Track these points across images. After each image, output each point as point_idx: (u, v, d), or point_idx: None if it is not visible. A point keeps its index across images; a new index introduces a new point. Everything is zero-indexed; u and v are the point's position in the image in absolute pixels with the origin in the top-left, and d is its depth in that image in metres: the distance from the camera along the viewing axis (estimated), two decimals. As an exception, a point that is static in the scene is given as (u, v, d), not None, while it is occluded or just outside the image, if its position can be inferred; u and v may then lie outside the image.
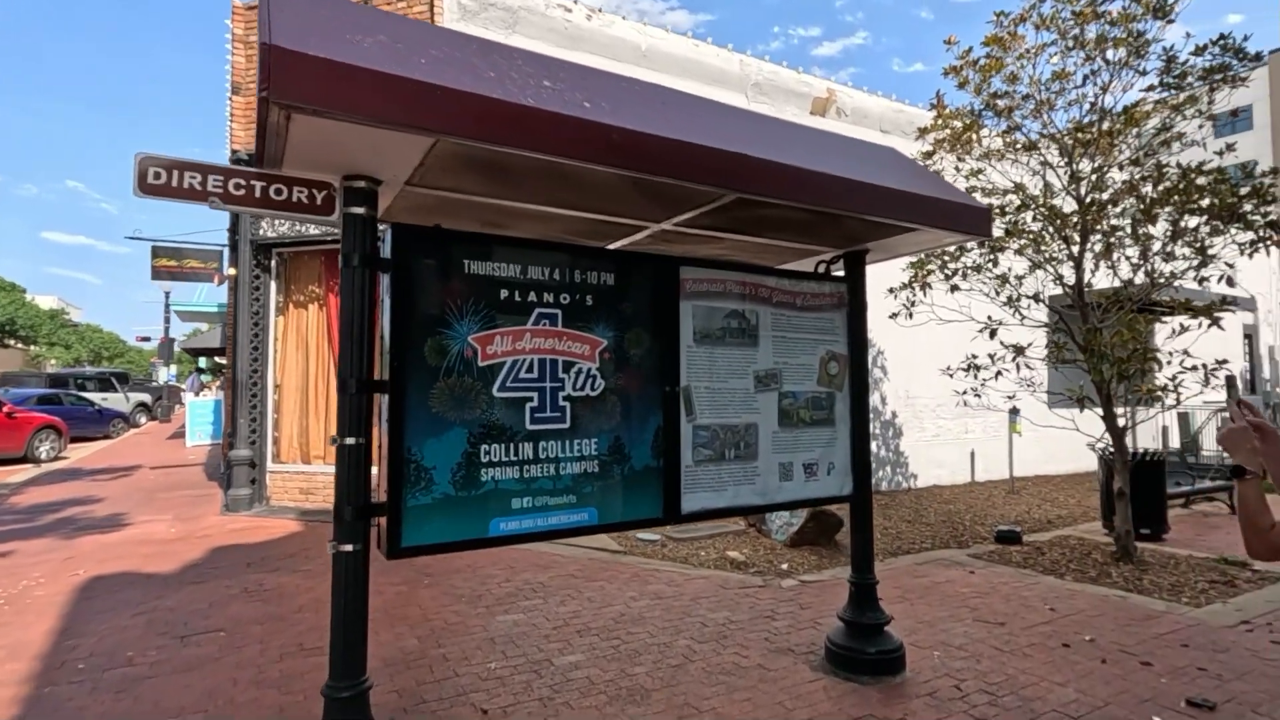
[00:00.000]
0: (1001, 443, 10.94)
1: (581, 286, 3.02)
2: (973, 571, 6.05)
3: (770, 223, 3.46)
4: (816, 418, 3.72)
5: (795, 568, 6.13)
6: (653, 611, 4.82)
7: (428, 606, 4.86)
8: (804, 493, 3.67)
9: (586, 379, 3.00)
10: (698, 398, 3.32)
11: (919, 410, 10.56)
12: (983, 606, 5.02)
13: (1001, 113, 6.49)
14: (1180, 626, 4.60)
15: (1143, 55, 5.87)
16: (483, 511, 2.74)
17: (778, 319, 3.63)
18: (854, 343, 3.87)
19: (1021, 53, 6.24)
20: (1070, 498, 9.96)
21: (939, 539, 7.35)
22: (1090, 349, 6.20)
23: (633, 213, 3.25)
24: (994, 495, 9.96)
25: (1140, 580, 5.69)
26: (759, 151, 2.86)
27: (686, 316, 3.31)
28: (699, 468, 3.31)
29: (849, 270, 3.94)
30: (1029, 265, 6.83)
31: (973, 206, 3.57)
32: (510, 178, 2.78)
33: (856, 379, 3.85)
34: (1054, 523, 8.28)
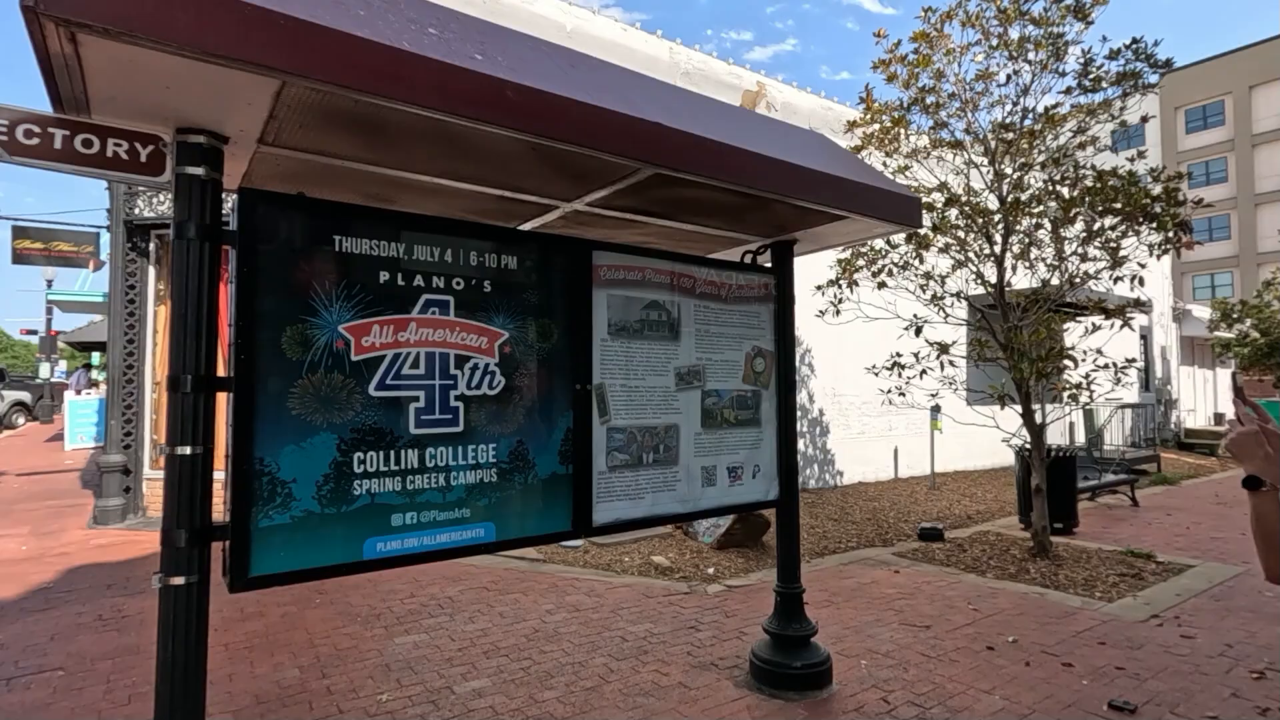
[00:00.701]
0: (924, 439, 11.14)
1: (478, 271, 2.65)
2: (898, 571, 5.99)
3: (693, 206, 3.18)
4: (742, 418, 3.47)
5: (722, 572, 5.92)
6: (570, 626, 4.48)
7: (316, 629, 4.35)
8: (728, 498, 3.41)
9: (484, 376, 2.63)
10: (612, 397, 3.01)
11: (845, 408, 10.62)
12: (908, 609, 4.92)
13: (928, 110, 6.47)
14: (1096, 623, 4.62)
15: (1061, 58, 5.94)
16: (355, 531, 2.34)
17: (701, 312, 3.35)
18: (781, 338, 3.64)
19: (948, 50, 6.22)
20: (988, 493, 10.22)
21: (864, 537, 7.32)
22: (1011, 347, 6.26)
23: (540, 189, 2.90)
24: (917, 491, 10.11)
25: (1056, 576, 5.76)
26: (680, 124, 2.57)
27: (600, 307, 2.99)
28: (614, 474, 3.00)
29: (777, 261, 3.71)
30: (952, 264, 6.86)
31: (904, 196, 3.40)
32: (390, 140, 2.38)
33: (783, 377, 3.62)
34: (974, 518, 8.43)
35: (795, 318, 3.73)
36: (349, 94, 1.83)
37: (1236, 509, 9.15)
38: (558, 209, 3.11)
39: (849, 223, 3.35)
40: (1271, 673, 3.81)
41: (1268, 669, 3.85)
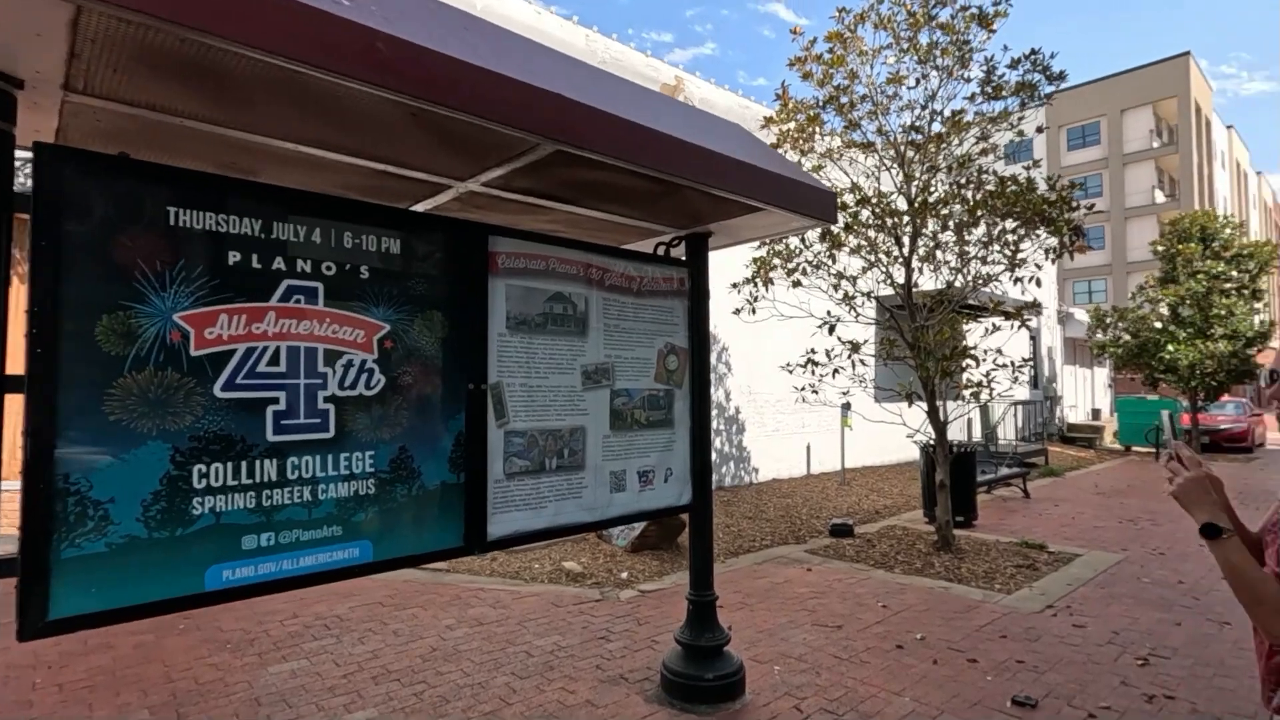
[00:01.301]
0: (835, 436, 11.40)
1: (354, 255, 2.32)
2: (810, 569, 6.00)
3: (602, 191, 2.95)
4: (653, 419, 3.28)
5: (636, 576, 5.74)
6: (471, 642, 4.17)
7: (176, 660, 3.85)
8: (639, 504, 3.21)
9: (360, 374, 2.30)
10: (511, 397, 2.74)
11: (761, 406, 10.70)
12: (821, 608, 4.90)
13: (842, 110, 6.51)
14: (997, 616, 4.74)
15: (966, 65, 6.10)
16: (195, 557, 1.97)
17: (611, 306, 3.13)
18: (695, 335, 3.47)
19: (861, 51, 6.28)
20: (894, 487, 10.55)
21: (778, 535, 7.34)
22: (918, 346, 6.40)
23: (428, 165, 2.59)
24: (827, 488, 10.31)
25: (959, 569, 5.92)
26: (585, 98, 2.33)
27: (498, 298, 2.72)
28: (512, 482, 2.73)
29: (691, 254, 3.54)
30: (863, 265, 6.96)
31: (820, 190, 3.30)
32: (242, 96, 2.03)
33: (698, 375, 3.46)
34: (881, 513, 8.65)
35: (711, 314, 3.58)
36: (167, 28, 1.49)
37: (1114, 499, 9.84)
38: (450, 189, 2.80)
39: (765, 215, 3.22)
40: (1155, 658, 3.99)
41: (1151, 655, 4.03)
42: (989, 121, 6.41)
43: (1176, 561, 6.24)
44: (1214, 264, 15.66)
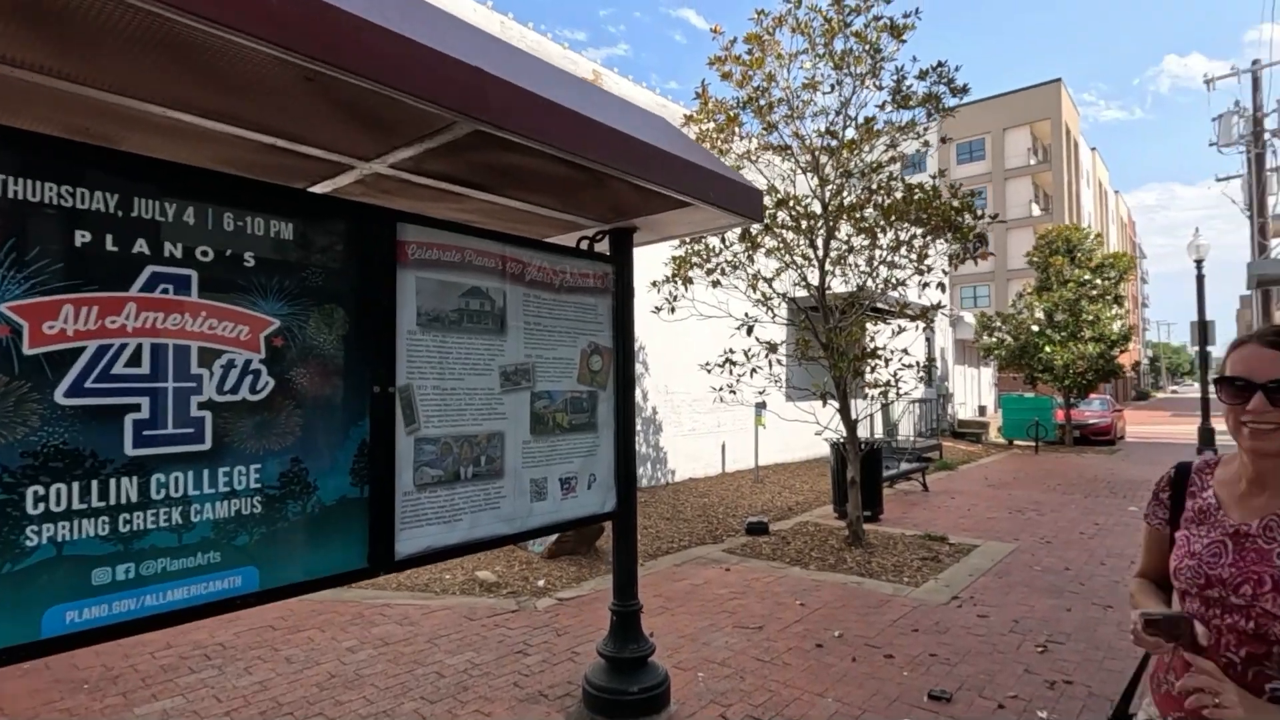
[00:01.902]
0: (749, 435, 11.58)
1: (237, 239, 2.02)
2: (729, 569, 6.01)
3: (522, 178, 2.76)
4: (576, 422, 3.11)
5: (554, 583, 5.54)
6: (375, 665, 3.85)
7: (20, 706, 3.32)
8: (561, 513, 3.03)
9: (243, 376, 2.01)
10: (423, 401, 2.50)
11: (678, 406, 10.71)
12: (741, 610, 4.88)
13: (760, 112, 6.56)
14: (908, 609, 4.88)
15: (877, 74, 6.29)
16: (29, 598, 1.64)
17: (532, 302, 2.94)
18: (620, 334, 3.33)
19: (779, 54, 6.34)
20: (805, 484, 10.84)
21: (696, 535, 7.33)
22: (831, 347, 6.54)
23: (328, 141, 2.31)
24: (742, 486, 10.45)
25: (870, 563, 6.09)
26: (506, 74, 2.14)
27: (408, 292, 2.47)
28: (424, 494, 2.49)
29: (616, 250, 3.40)
30: (777, 268, 7.06)
31: (748, 186, 3.24)
32: (95, 46, 1.70)
33: (622, 376, 3.32)
34: (794, 509, 8.83)
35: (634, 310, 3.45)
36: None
37: (1003, 490, 10.51)
38: (353, 170, 2.52)
39: (692, 211, 3.12)
40: (1052, 644, 4.20)
41: (1048, 641, 4.25)
42: (898, 130, 6.63)
43: (1062, 549, 6.69)
44: (1081, 273, 17.12)
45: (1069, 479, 11.64)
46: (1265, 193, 20.26)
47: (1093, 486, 10.79)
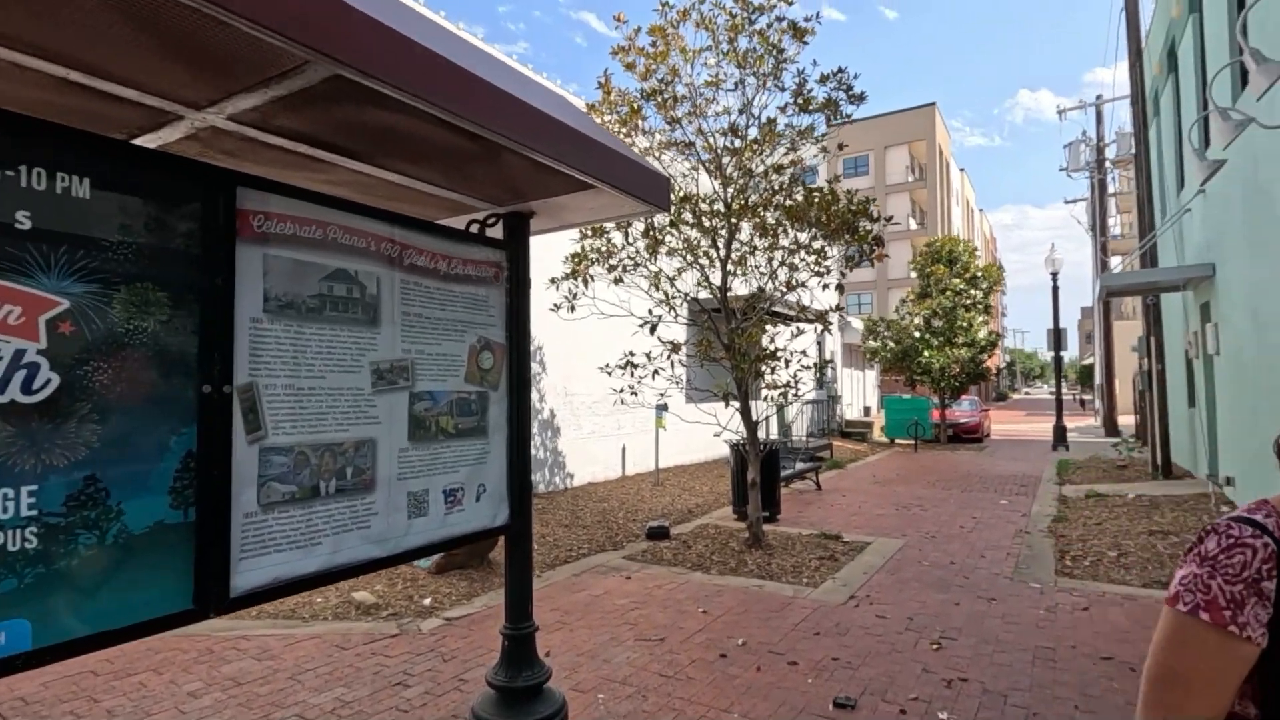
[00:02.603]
0: (649, 437, 11.46)
1: (4, 195, 1.55)
2: (629, 577, 5.79)
3: (399, 146, 2.39)
4: (464, 427, 2.77)
5: (441, 601, 5.09)
6: (224, 712, 3.31)
7: None
8: (445, 530, 2.67)
9: (14, 371, 1.54)
10: (272, 403, 2.08)
11: (577, 408, 10.42)
12: (642, 620, 4.67)
13: (664, 106, 6.42)
14: (809, 611, 4.85)
15: (779, 75, 6.30)
16: None
17: (413, 290, 2.57)
18: (515, 329, 3.01)
19: (683, 48, 6.22)
20: (704, 485, 10.84)
21: (596, 541, 7.07)
22: (733, 348, 6.48)
23: (144, 78, 1.86)
24: (642, 489, 10.30)
25: (770, 565, 6.07)
26: (375, 12, 1.78)
27: (252, 272, 2.05)
28: (272, 515, 2.07)
29: (510, 236, 3.08)
30: (679, 267, 6.95)
31: (655, 173, 3.02)
32: None
33: (517, 376, 3.00)
34: (694, 512, 8.77)
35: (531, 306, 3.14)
36: None
37: (888, 487, 10.97)
38: (182, 120, 2.07)
39: (595, 195, 2.86)
40: (945, 640, 4.27)
41: (942, 638, 4.32)
42: (798, 135, 6.69)
43: (945, 543, 6.97)
44: (958, 282, 18.39)
45: (946, 475, 12.35)
46: (1106, 214, 22.63)
47: (967, 482, 11.48)
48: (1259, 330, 7.01)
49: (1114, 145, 22.97)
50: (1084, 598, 5.11)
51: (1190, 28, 9.64)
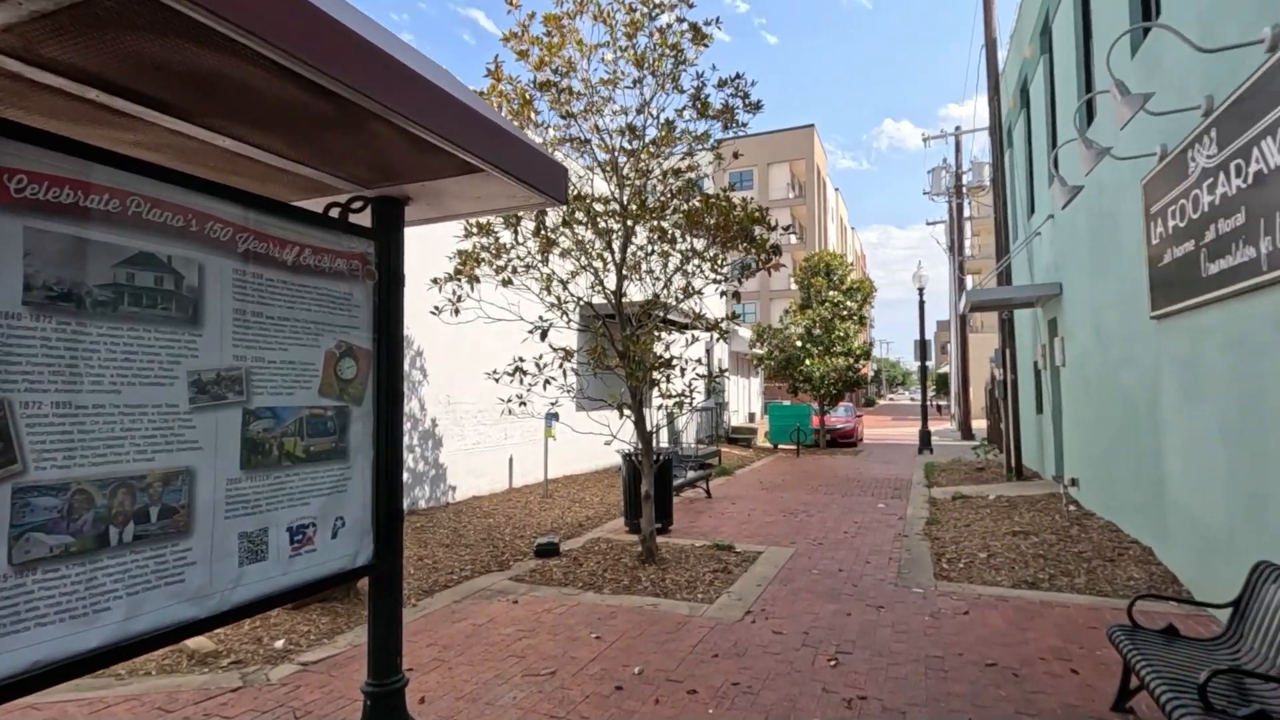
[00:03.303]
0: (538, 446, 11.01)
1: None
2: (517, 601, 5.37)
3: (232, 99, 1.92)
4: (318, 449, 2.30)
5: (296, 643, 4.45)
6: (-10, 813, 2.60)
7: None
8: (289, 577, 2.20)
9: None
10: (35, 427, 1.56)
11: (461, 417, 9.79)
12: (531, 652, 4.29)
13: (558, 101, 6.08)
14: (706, 630, 4.66)
15: (677, 78, 6.15)
16: None
17: (250, 283, 2.09)
18: (385, 333, 2.58)
19: (579, 41, 5.92)
20: (595, 496, 10.54)
21: (480, 562, 6.57)
22: (628, 356, 6.24)
23: None
24: (531, 502, 9.84)
25: (664, 581, 5.85)
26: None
27: (6, 251, 1.52)
28: (33, 578, 1.55)
29: (381, 223, 2.64)
30: (572, 270, 6.64)
31: (551, 160, 2.70)
32: None
33: (387, 387, 2.56)
34: (585, 525, 8.44)
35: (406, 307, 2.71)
36: None
37: (775, 493, 11.17)
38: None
39: (483, 180, 2.49)
40: (841, 655, 4.21)
41: (838, 653, 4.25)
42: (695, 140, 6.57)
43: (832, 550, 7.08)
44: (836, 294, 19.31)
45: (827, 479, 12.79)
46: (963, 236, 24.69)
47: (847, 486, 11.93)
48: (1101, 344, 7.70)
49: (970, 173, 25.16)
50: (963, 601, 5.28)
51: (1041, 67, 10.57)
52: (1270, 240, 3.80)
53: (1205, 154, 4.59)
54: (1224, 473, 4.64)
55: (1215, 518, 4.81)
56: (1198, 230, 4.76)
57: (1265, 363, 4.00)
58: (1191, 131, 4.82)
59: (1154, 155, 5.58)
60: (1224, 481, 4.64)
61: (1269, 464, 4.02)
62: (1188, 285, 4.98)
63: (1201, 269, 4.73)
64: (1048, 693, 3.65)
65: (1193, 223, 4.85)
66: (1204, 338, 4.87)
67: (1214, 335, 4.70)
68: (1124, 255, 6.67)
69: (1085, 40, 8.28)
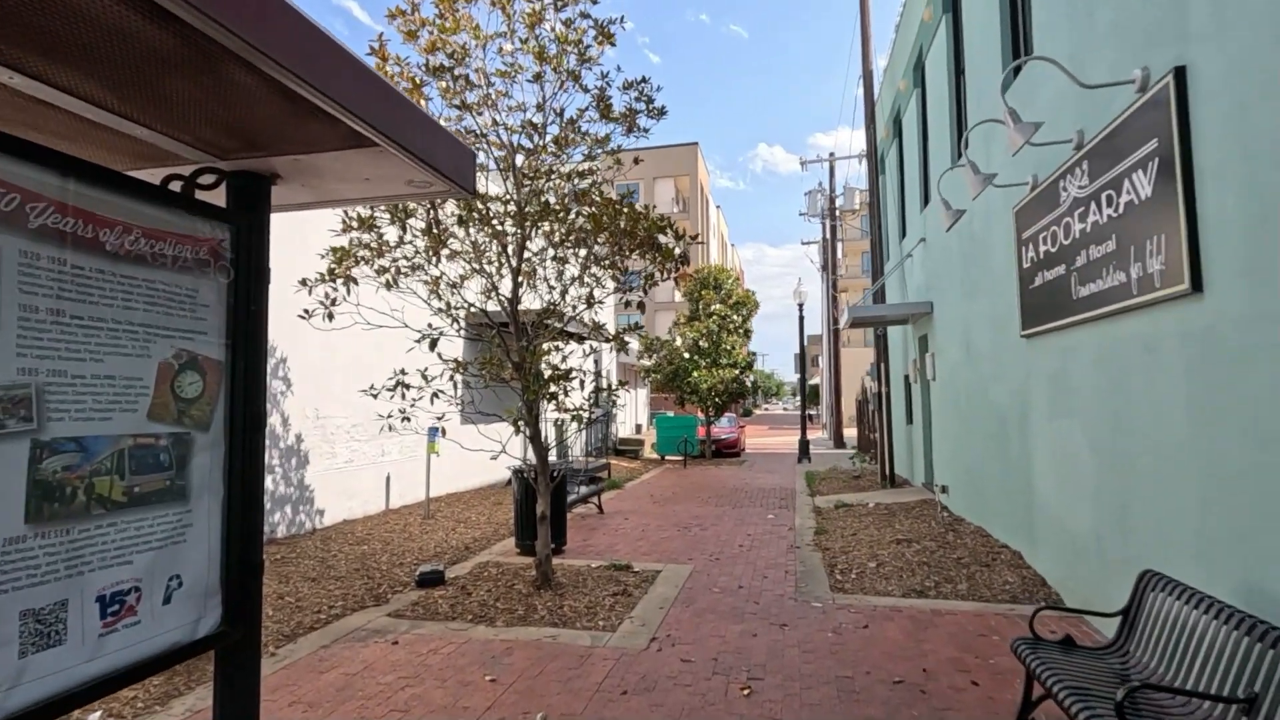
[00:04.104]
0: (419, 463, 10.24)
1: None
2: (396, 641, 4.80)
3: (22, 13, 1.40)
4: (145, 490, 1.77)
5: (119, 714, 3.66)
6: None
7: None
8: (98, 664, 1.65)
9: None
10: None
11: (332, 433, 8.88)
12: (416, 704, 3.78)
13: (449, 92, 5.60)
14: (611, 663, 4.35)
15: (579, 77, 5.86)
16: None
17: (47, 271, 1.55)
18: (244, 340, 2.07)
19: (474, 27, 5.49)
20: (482, 515, 9.92)
21: (353, 597, 5.87)
22: (524, 367, 5.83)
23: None
24: (411, 524, 9.08)
25: (562, 608, 5.48)
26: None
27: None
28: None
29: (239, 204, 2.13)
30: (463, 275, 6.15)
31: (459, 142, 2.31)
32: None
33: (245, 409, 2.05)
34: (472, 547, 7.86)
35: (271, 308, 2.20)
36: None
37: (667, 506, 11.06)
38: None
39: (376, 158, 2.06)
40: (754, 682, 4.05)
41: (750, 680, 4.09)
42: (596, 143, 6.31)
43: (730, 565, 7.00)
44: (723, 308, 19.74)
45: (717, 491, 12.89)
46: (836, 255, 26.16)
47: (736, 497, 12.06)
48: (972, 360, 8.22)
49: (842, 197, 26.77)
50: (860, 614, 5.32)
51: (914, 100, 11.30)
52: (1140, 266, 4.08)
53: (1077, 184, 4.93)
54: (1092, 482, 4.97)
55: (1083, 525, 5.15)
56: (1069, 255, 5.10)
57: (1134, 380, 4.29)
58: (1064, 163, 5.17)
59: (1026, 185, 5.99)
60: (1092, 490, 4.97)
61: (1136, 474, 4.32)
62: (1059, 307, 5.34)
63: (1072, 292, 5.07)
64: (955, 709, 3.66)
65: (1064, 248, 5.20)
66: (1073, 356, 5.22)
67: (1083, 354, 5.04)
68: (995, 277, 7.13)
69: (957, 76, 8.89)
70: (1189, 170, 3.61)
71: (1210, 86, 3.45)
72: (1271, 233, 3.03)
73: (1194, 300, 3.61)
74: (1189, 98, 3.62)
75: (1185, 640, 3.00)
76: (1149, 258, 3.98)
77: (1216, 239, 3.43)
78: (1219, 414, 3.43)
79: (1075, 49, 5.04)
